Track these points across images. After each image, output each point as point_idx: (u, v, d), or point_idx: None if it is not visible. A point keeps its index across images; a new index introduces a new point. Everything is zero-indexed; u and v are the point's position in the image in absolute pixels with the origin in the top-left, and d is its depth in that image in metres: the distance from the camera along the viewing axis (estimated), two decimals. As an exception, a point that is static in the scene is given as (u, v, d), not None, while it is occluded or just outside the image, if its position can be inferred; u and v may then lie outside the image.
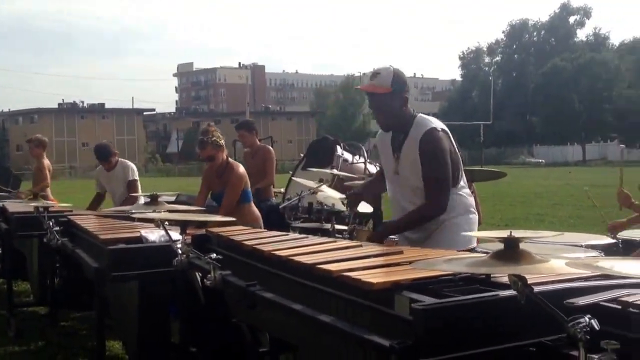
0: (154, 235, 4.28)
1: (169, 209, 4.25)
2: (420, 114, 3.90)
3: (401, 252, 3.00)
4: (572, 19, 68.15)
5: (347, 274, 2.52)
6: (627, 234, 5.41)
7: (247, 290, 3.04)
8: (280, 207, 5.95)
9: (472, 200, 4.00)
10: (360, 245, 3.24)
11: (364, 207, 5.87)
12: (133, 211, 4.82)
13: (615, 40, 74.31)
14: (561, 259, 2.10)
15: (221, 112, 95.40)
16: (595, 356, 1.81)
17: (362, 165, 8.49)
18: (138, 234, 4.32)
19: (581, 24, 68.11)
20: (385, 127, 3.93)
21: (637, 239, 5.14)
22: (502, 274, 2.30)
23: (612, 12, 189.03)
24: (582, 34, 68.95)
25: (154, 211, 4.13)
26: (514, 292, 2.07)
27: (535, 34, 69.99)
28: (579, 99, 56.07)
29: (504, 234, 2.05)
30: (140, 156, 67.95)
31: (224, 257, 3.34)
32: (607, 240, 5.18)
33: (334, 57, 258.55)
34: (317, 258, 2.89)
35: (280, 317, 2.89)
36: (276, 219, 6.25)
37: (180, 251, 3.72)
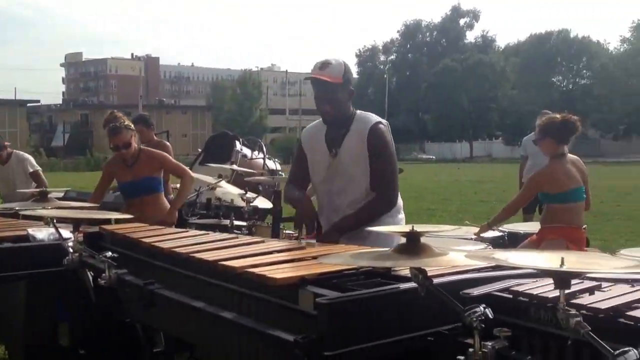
0: (42, 233, 4.14)
1: (60, 206, 4.10)
2: (358, 110, 3.84)
3: (304, 248, 3.05)
4: (462, 21, 70.40)
5: (250, 269, 2.54)
6: (511, 227, 5.70)
7: (144, 289, 3.02)
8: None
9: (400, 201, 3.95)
10: (263, 241, 3.27)
11: (263, 203, 5.91)
12: (17, 208, 4.62)
13: (501, 42, 77.05)
14: (456, 251, 2.21)
15: (112, 105, 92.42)
16: (489, 343, 1.92)
17: (261, 161, 8.51)
18: (24, 232, 4.16)
19: (470, 27, 70.50)
20: (331, 118, 3.78)
21: (522, 231, 5.41)
22: (404, 267, 2.38)
23: (499, 16, 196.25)
24: (471, 36, 71.37)
25: (43, 208, 3.99)
26: (414, 284, 2.17)
27: (428, 34, 71.86)
28: (467, 98, 58.05)
29: (406, 228, 2.14)
30: (22, 150, 64.84)
31: (119, 255, 3.30)
32: (494, 233, 5.42)
33: (231, 50, 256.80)
34: (219, 255, 2.89)
35: (180, 316, 2.88)
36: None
37: (71, 250, 3.65)
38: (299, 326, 2.23)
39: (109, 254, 3.23)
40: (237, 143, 8.29)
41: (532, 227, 5.46)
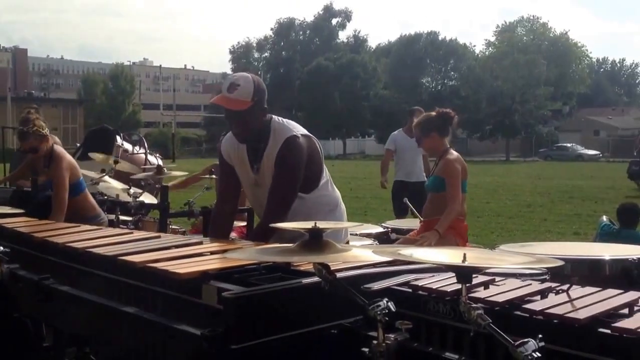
0: None
1: None
2: (275, 118, 3.65)
3: (201, 243, 3.07)
4: (334, 21, 71.34)
5: (152, 264, 2.54)
6: (393, 223, 5.90)
7: (40, 284, 2.96)
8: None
9: (337, 194, 3.91)
10: (159, 237, 3.26)
11: (149, 198, 5.84)
12: None
13: (372, 43, 78.78)
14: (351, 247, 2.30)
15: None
16: (392, 335, 2.01)
17: (143, 156, 8.37)
18: None
19: (343, 26, 71.47)
20: (243, 140, 3.64)
21: (404, 227, 5.59)
22: (305, 262, 2.45)
23: (370, 16, 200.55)
24: (343, 36, 72.39)
25: None
26: (317, 279, 2.24)
27: (301, 33, 72.33)
28: (340, 96, 58.96)
29: (309, 225, 2.20)
30: None
31: (9, 250, 3.22)
32: (377, 229, 5.58)
33: (102, 44, 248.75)
34: (117, 249, 2.87)
35: (78, 311, 2.84)
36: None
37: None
38: (203, 320, 2.27)
39: (1, 247, 3.13)
40: (118, 138, 8.12)
41: (413, 223, 5.65)
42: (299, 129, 3.64)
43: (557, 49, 58.65)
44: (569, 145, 56.13)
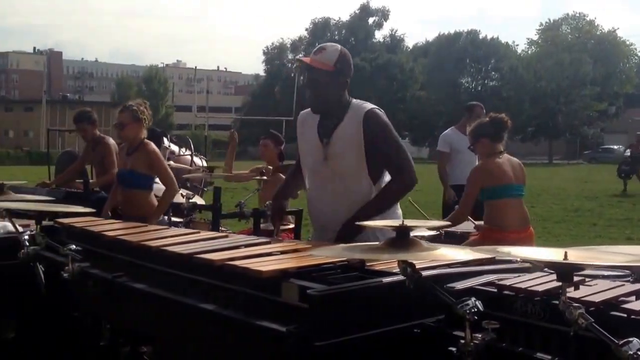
0: (-8, 226, 4.03)
1: (19, 199, 3.98)
2: (355, 100, 3.65)
3: (269, 242, 3.07)
4: (371, 20, 70.94)
5: (231, 262, 2.55)
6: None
7: (113, 282, 2.99)
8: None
9: None
10: (227, 236, 3.28)
11: (196, 200, 5.88)
12: None
13: (409, 42, 78.17)
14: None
15: (13, 100, 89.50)
16: (479, 335, 2.00)
17: (189, 158, 8.46)
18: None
19: (379, 26, 71.04)
20: (316, 108, 3.62)
21: (458, 231, 5.52)
22: (389, 261, 2.44)
23: (408, 16, 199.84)
24: (379, 35, 72.02)
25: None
26: (398, 277, 2.24)
27: (336, 32, 71.97)
28: (376, 98, 58.50)
29: (397, 223, 2.19)
30: None
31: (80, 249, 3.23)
32: (428, 232, 5.51)
33: (135, 47, 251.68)
34: (191, 248, 2.89)
35: (149, 309, 2.86)
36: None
37: (27, 243, 3.58)
38: (282, 318, 2.25)
39: (73, 246, 3.16)
40: (165, 140, 8.19)
41: (467, 226, 5.57)
42: (375, 106, 3.66)
43: (604, 48, 57.34)
44: (615, 147, 53.92)
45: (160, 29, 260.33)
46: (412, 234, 2.23)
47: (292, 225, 5.54)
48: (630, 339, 1.67)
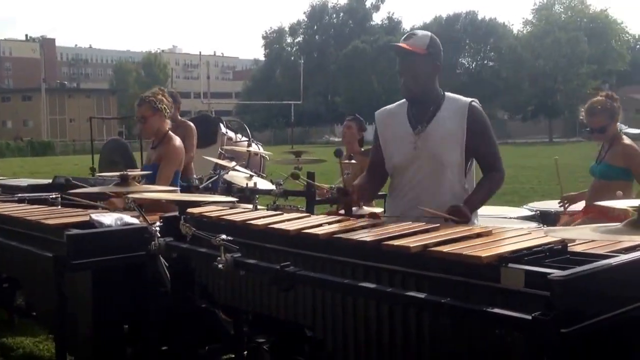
0: (107, 219, 3.96)
1: (141, 190, 3.87)
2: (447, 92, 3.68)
3: (439, 229, 2.96)
4: (368, 3, 70.99)
5: (438, 248, 2.48)
6: (541, 206, 5.79)
7: (281, 272, 2.90)
8: (201, 186, 5.65)
9: None
10: (379, 219, 3.20)
11: (294, 186, 5.80)
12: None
13: (407, 25, 78.00)
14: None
15: (8, 89, 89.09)
16: None
17: (246, 144, 8.34)
18: (87, 218, 3.98)
19: (377, 8, 71.12)
20: (411, 93, 3.59)
21: (552, 210, 5.48)
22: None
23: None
24: (377, 18, 72.01)
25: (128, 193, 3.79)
26: (631, 258, 2.19)
27: (335, 16, 72.00)
28: (377, 80, 58.65)
29: (636, 203, 2.13)
30: None
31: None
32: (524, 212, 5.48)
33: (130, 32, 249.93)
34: (365, 234, 2.82)
35: (327, 300, 2.79)
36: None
37: (159, 234, 3.52)
38: (508, 305, 2.19)
39: (224, 236, 3.08)
40: (222, 125, 8.09)
41: (556, 205, 5.51)
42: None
43: (596, 27, 57.83)
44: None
45: (155, 13, 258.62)
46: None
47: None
48: None
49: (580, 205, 5.05)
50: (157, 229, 3.54)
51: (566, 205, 5.15)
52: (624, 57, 60.89)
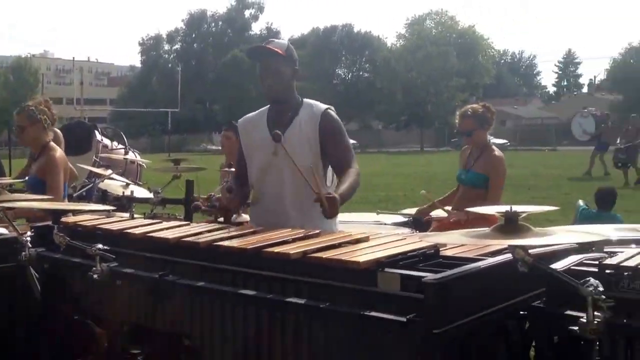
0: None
1: (18, 199, 3.73)
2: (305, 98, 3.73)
3: (319, 235, 3.01)
4: (247, 13, 70.91)
5: (316, 255, 2.53)
6: (413, 212, 5.95)
7: (161, 281, 2.87)
8: (74, 195, 5.48)
9: None
10: (263, 230, 3.21)
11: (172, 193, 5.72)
12: None
13: (285, 35, 78.63)
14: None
15: None
16: (599, 313, 2.09)
17: (122, 151, 8.16)
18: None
19: (255, 18, 71.20)
20: (274, 94, 3.64)
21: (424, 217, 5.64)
22: (503, 245, 2.49)
23: (283, 8, 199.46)
24: (256, 28, 72.03)
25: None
26: (500, 260, 2.32)
27: (213, 24, 71.52)
28: (255, 89, 58.57)
29: (505, 208, 2.25)
30: None
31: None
32: (398, 218, 5.62)
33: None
34: (246, 242, 2.83)
35: (192, 309, 2.78)
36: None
37: (29, 245, 3.41)
38: (381, 308, 2.27)
39: (100, 245, 3.02)
40: (97, 132, 7.86)
41: (436, 211, 5.69)
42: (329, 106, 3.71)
43: (464, 42, 60.44)
44: None
45: (25, 15, 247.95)
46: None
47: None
48: None
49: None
50: (28, 239, 3.43)
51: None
52: (490, 72, 63.98)
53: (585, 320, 2.08)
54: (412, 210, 6.20)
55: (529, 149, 44.06)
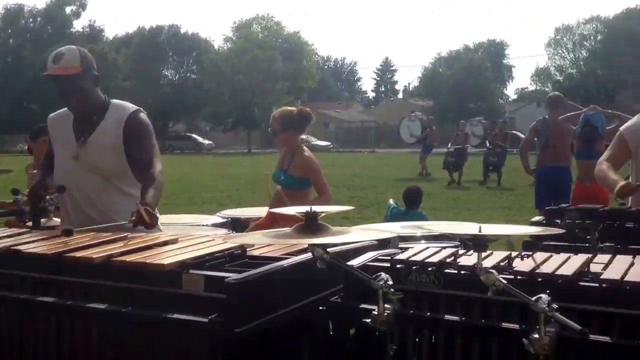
0: None
1: None
2: (114, 100, 3.64)
3: (126, 239, 2.98)
4: (68, 10, 68.01)
5: (120, 259, 2.51)
6: (233, 213, 6.01)
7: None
8: None
9: None
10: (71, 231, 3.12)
11: None
12: None
13: (109, 34, 76.19)
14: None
15: None
16: (388, 305, 2.24)
17: None
18: None
19: (77, 15, 68.37)
20: (80, 111, 3.54)
21: (242, 216, 5.72)
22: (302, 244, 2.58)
23: (105, 7, 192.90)
24: (78, 25, 69.25)
25: None
26: (301, 258, 2.43)
27: (31, 20, 68.06)
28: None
29: (305, 209, 2.34)
30: None
31: None
32: (217, 219, 5.64)
33: None
34: (47, 247, 2.76)
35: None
36: None
37: None
38: (186, 309, 2.29)
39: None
40: None
41: (255, 212, 5.77)
42: (140, 108, 3.65)
43: (290, 47, 61.79)
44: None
45: None
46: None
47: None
48: (539, 295, 1.96)
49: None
50: None
51: None
52: (314, 76, 66.22)
53: (376, 313, 2.20)
54: (232, 211, 6.27)
55: (350, 151, 45.76)
